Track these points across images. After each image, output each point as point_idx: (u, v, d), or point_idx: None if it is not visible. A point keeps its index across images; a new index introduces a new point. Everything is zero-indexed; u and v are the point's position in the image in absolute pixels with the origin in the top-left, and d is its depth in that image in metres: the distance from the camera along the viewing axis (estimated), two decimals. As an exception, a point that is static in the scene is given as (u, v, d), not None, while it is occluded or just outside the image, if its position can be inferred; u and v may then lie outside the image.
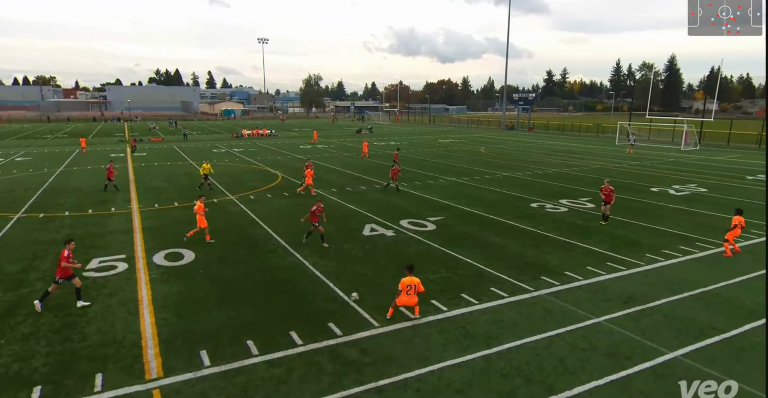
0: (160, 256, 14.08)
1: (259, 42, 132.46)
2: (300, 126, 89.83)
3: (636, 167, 33.60)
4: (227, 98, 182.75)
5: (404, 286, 9.79)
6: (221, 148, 46.78)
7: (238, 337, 9.31)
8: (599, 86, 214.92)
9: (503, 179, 28.10)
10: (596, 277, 12.42)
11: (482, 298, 11.10)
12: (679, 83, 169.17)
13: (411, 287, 9.82)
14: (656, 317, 10.24)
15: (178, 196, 23.15)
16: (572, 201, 21.61)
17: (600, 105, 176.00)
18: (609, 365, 8.38)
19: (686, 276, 12.55)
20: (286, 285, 12.06)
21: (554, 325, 9.81)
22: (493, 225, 17.62)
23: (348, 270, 13.01)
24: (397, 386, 7.79)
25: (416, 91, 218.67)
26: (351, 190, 24.56)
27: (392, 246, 15.16)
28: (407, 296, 9.84)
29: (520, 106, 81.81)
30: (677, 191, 24.30)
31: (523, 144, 52.32)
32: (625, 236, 16.14)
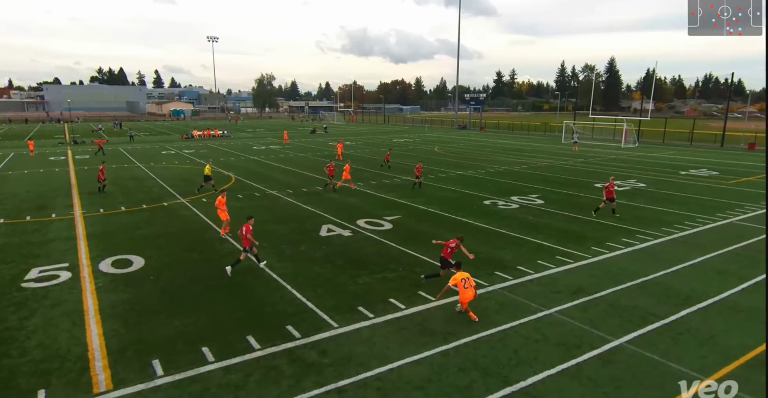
0: (106, 263, 13.42)
1: (209, 40, 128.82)
2: (253, 126, 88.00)
3: (581, 164, 35.07)
4: (176, 98, 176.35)
5: (458, 281, 9.85)
6: (171, 150, 45.12)
7: (192, 344, 9.02)
8: (546, 87, 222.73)
9: (457, 177, 28.62)
10: (546, 271, 12.87)
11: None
12: (618, 84, 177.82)
13: (465, 280, 9.91)
14: (602, 306, 10.73)
15: (125, 200, 22.14)
16: (523, 198, 22.29)
17: (547, 105, 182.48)
18: (560, 354, 8.70)
19: (628, 266, 13.22)
20: (241, 289, 11.79)
21: (508, 318, 10.09)
22: (448, 223, 17.91)
23: (305, 271, 12.87)
24: (358, 385, 7.78)
25: (370, 91, 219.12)
26: (306, 190, 24.31)
27: (350, 245, 15.12)
28: (465, 290, 9.87)
29: (472, 105, 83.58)
30: (619, 186, 25.53)
31: (475, 143, 53.47)
32: (572, 230, 16.81)
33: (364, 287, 11.82)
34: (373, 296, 11.24)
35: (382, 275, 12.59)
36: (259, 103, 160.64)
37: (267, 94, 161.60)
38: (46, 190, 24.51)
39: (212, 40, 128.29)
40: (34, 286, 11.85)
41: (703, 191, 24.54)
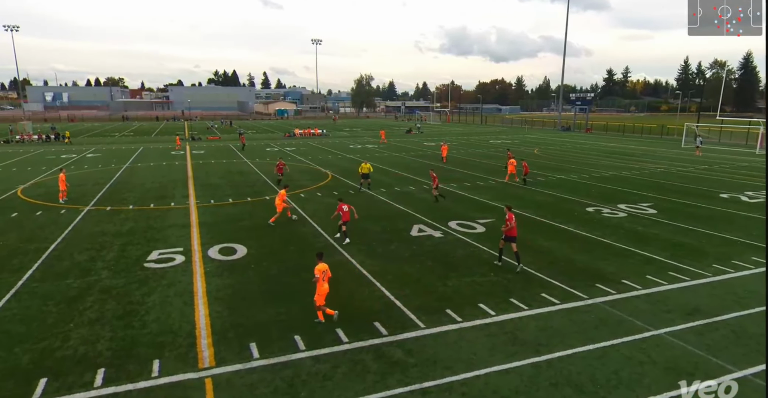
0: (214, 250, 14.68)
1: (313, 43, 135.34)
2: (351, 126, 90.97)
3: (704, 171, 31.66)
4: (281, 98, 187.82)
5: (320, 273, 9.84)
6: (274, 147, 48.14)
7: (286, 332, 9.55)
8: (664, 85, 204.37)
9: (557, 181, 27.24)
10: (656, 287, 11.81)
11: (532, 304, 10.82)
12: (755, 82, 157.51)
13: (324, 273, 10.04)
14: (723, 332, 9.61)
15: (233, 192, 24.04)
16: (631, 206, 20.64)
17: (665, 105, 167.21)
18: (669, 380, 7.93)
19: (759, 289, 11.69)
20: (333, 282, 12.18)
21: (609, 335, 9.41)
22: (543, 229, 17.13)
23: (394, 269, 13.05)
24: (442, 388, 7.73)
25: (468, 90, 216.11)
26: (399, 190, 24.61)
27: (440, 247, 15.06)
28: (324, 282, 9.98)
29: (578, 106, 79.07)
30: (750, 198, 22.69)
31: (579, 145, 50.53)
32: (689, 244, 15.24)
33: (453, 290, 11.70)
34: (461, 299, 11.09)
35: (471, 279, 12.38)
36: (357, 102, 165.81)
37: (365, 94, 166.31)
38: (167, 182, 27.40)
39: (316, 42, 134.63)
40: (154, 267, 13.31)
41: None
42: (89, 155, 41.51)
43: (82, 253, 14.48)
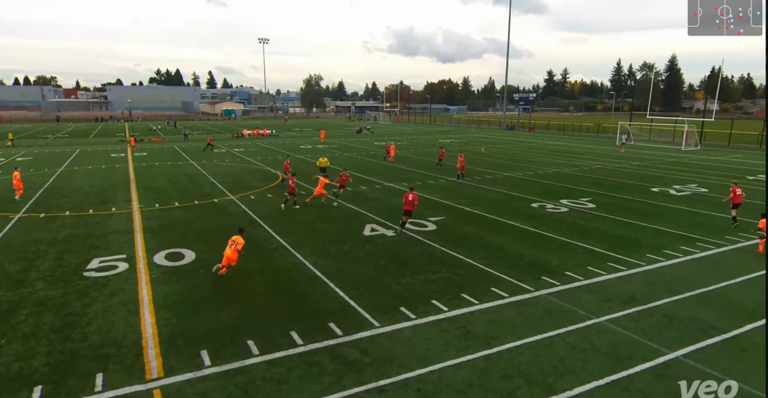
0: (160, 256, 14.08)
1: (260, 42, 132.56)
2: (301, 126, 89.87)
3: (637, 167, 33.59)
4: (228, 98, 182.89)
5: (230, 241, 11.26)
6: (222, 148, 46.80)
7: (238, 337, 9.31)
8: (600, 86, 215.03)
9: (504, 179, 28.08)
10: (597, 277, 12.41)
11: (483, 298, 11.09)
12: (680, 83, 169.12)
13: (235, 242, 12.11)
14: (657, 317, 10.23)
15: (179, 196, 23.16)
16: (573, 202, 21.59)
17: (601, 105, 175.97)
18: (610, 365, 8.37)
19: (687, 276, 12.54)
20: (286, 285, 12.06)
21: (555, 325, 9.80)
22: (493, 226, 17.61)
23: (348, 270, 13.01)
24: (398, 386, 7.78)
25: (417, 91, 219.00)
26: (351, 190, 24.56)
27: (392, 246, 15.15)
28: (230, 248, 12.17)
29: (521, 106, 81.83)
30: (678, 191, 24.29)
31: (523, 144, 52.31)
32: (626, 236, 16.12)
33: (406, 288, 11.81)
34: (415, 297, 11.22)
35: (424, 276, 12.54)
36: (307, 103, 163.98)
37: (314, 94, 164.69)
38: (107, 185, 26.02)
39: (263, 41, 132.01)
40: (95, 276, 12.60)
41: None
42: (19, 159, 38.74)
43: (13, 264, 13.50)
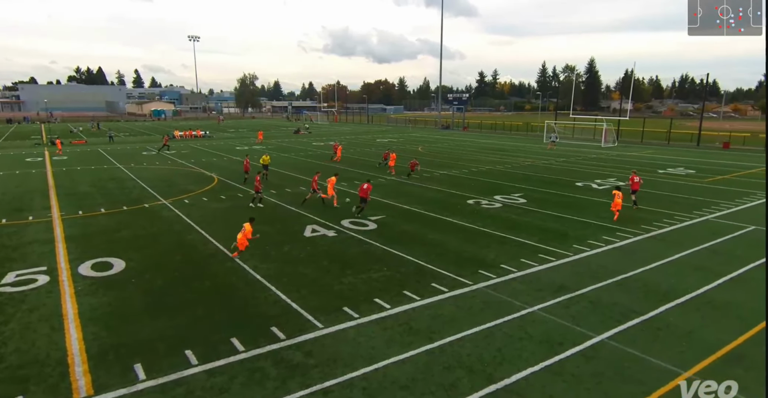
0: (86, 267, 13.15)
1: (190, 40, 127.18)
2: (236, 126, 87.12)
3: (563, 163, 35.52)
4: (157, 98, 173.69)
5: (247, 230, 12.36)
6: (152, 151, 44.42)
7: (175, 347, 8.89)
8: (527, 87, 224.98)
9: (441, 177, 28.73)
10: (529, 269, 13.01)
11: (424, 294, 11.30)
12: (598, 84, 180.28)
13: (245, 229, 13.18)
14: (584, 304, 10.89)
15: (105, 201, 21.73)
16: (506, 197, 22.48)
17: (528, 105, 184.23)
18: (543, 351, 8.80)
19: (609, 264, 13.44)
20: (225, 290, 11.67)
21: (492, 317, 10.16)
22: (432, 223, 17.97)
23: (290, 272, 12.80)
24: (343, 386, 7.76)
25: (354, 91, 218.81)
26: (290, 190, 24.17)
27: (334, 246, 15.07)
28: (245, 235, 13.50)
29: (455, 106, 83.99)
30: (599, 185, 25.94)
31: (458, 142, 53.78)
32: (555, 229, 17.01)
33: (349, 287, 11.80)
34: (358, 296, 11.23)
35: (366, 275, 12.59)
36: (242, 103, 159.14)
37: (249, 94, 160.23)
38: (22, 192, 23.93)
39: (193, 39, 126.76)
40: (11, 291, 11.56)
41: (680, 189, 25.07)
42: None
43: None
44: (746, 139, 51.50)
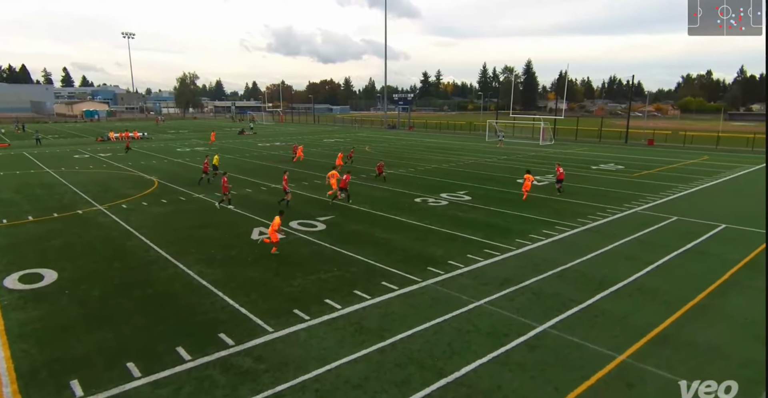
0: (12, 279, 12.18)
1: (124, 37, 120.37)
2: (176, 127, 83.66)
3: (505, 161, 36.74)
4: (89, 98, 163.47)
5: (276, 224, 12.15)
6: (84, 153, 41.80)
7: (116, 361, 8.42)
8: (469, 87, 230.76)
9: (388, 176, 28.88)
10: (476, 264, 13.36)
11: (374, 293, 11.34)
12: (535, 85, 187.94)
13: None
14: (527, 295, 11.32)
15: (33, 208, 20.22)
16: (451, 195, 22.97)
17: (471, 104, 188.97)
18: (491, 343, 9.08)
19: (549, 256, 14.05)
20: (169, 298, 11.18)
21: (441, 312, 10.35)
22: (381, 222, 18.06)
23: (237, 276, 12.45)
24: (296, 389, 7.65)
25: (299, 91, 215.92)
26: (236, 193, 23.50)
27: (283, 248, 14.81)
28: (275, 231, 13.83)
29: (401, 105, 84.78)
30: (539, 182, 27.04)
31: (405, 142, 54.34)
32: (498, 224, 17.57)
33: (299, 289, 11.64)
34: (308, 298, 11.10)
35: (316, 276, 12.47)
36: (182, 103, 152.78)
37: (190, 94, 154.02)
38: (-65, 201, 21.80)
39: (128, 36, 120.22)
40: (-75, 309, 10.51)
41: (611, 184, 26.60)
42: None
43: None
44: (668, 137, 55.38)
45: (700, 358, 8.62)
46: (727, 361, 8.53)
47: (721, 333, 9.54)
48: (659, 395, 7.61)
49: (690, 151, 44.79)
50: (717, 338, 9.35)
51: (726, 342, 9.22)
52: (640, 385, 7.84)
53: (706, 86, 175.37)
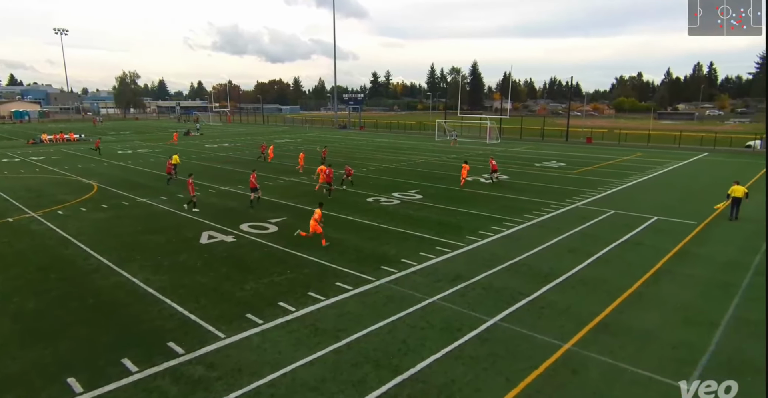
0: (-67, 295, 11.17)
1: (56, 33, 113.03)
2: (117, 129, 79.52)
3: (453, 160, 37.47)
4: (18, 98, 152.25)
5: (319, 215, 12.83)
6: (14, 157, 38.93)
7: (55, 377, 7.90)
8: (418, 87, 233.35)
9: (340, 176, 28.76)
10: (428, 261, 13.55)
11: (329, 294, 11.26)
12: (481, 85, 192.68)
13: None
14: (478, 290, 11.60)
15: (-44, 217, 18.61)
16: (403, 194, 23.17)
17: (420, 104, 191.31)
18: (444, 338, 9.23)
19: (498, 251, 14.46)
20: (112, 308, 10.62)
21: (396, 310, 10.42)
22: (333, 222, 17.94)
23: (186, 282, 12.01)
24: (250, 395, 7.47)
25: (247, 90, 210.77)
26: (183, 196, 22.64)
27: (233, 251, 14.44)
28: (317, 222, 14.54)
29: (351, 105, 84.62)
30: (486, 179, 27.78)
31: (356, 142, 54.29)
32: (449, 222, 17.90)
33: (252, 293, 11.38)
34: (261, 301, 10.87)
35: (269, 279, 12.23)
36: (122, 103, 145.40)
37: (131, 94, 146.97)
38: None
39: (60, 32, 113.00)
40: None
41: (554, 180, 27.74)
42: None
43: None
44: (604, 135, 58.40)
45: (637, 343, 9.15)
46: (661, 344, 9.10)
47: (656, 319, 10.17)
48: (602, 379, 8.02)
49: (625, 149, 47.42)
50: (652, 323, 9.96)
51: (659, 326, 9.83)
52: (584, 371, 8.22)
53: (638, 87, 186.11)
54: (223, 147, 47.55)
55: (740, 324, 9.92)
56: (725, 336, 9.40)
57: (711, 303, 11.04)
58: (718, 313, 10.41)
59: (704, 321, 10.05)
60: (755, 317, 10.18)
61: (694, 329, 9.74)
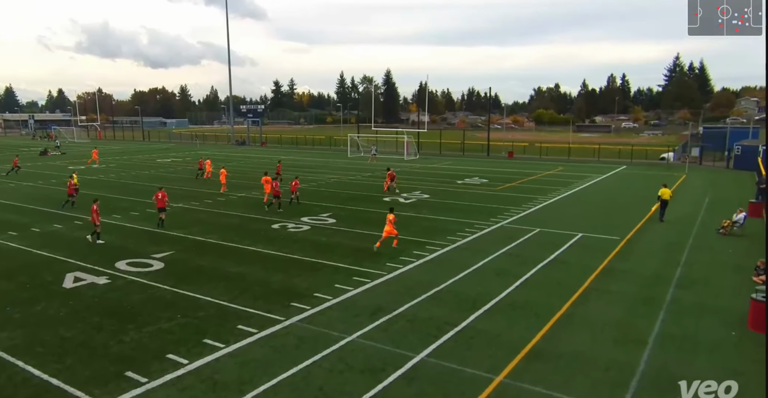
0: None
1: None
2: (-54, 148, 71.09)
3: (369, 178, 38.08)
4: None
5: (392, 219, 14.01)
6: None
7: None
8: (327, 98, 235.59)
9: (238, 200, 28.03)
10: (345, 294, 13.51)
11: (229, 340, 10.78)
12: (396, 96, 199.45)
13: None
14: (401, 323, 11.75)
15: None
16: (314, 218, 23.05)
17: (330, 117, 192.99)
18: (366, 381, 9.18)
19: (422, 278, 14.81)
20: (-59, 378, 9.31)
21: (310, 353, 10.22)
22: (232, 254, 17.36)
23: (45, 338, 10.89)
24: (133, 473, 6.87)
25: (123, 100, 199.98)
26: (40, 230, 20.68)
27: (108, 295, 13.38)
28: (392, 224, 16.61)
29: (250, 118, 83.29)
30: (405, 199, 28.51)
31: (256, 160, 53.30)
32: (366, 248, 18.05)
33: (132, 346, 10.58)
34: (145, 355, 10.13)
35: (155, 327, 11.46)
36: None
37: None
38: None
39: None
40: None
41: (477, 198, 29.15)
42: None
43: None
44: (525, 149, 62.76)
45: (569, 368, 9.75)
46: (593, 367, 9.79)
47: (586, 340, 10.93)
48: (536, 411, 8.41)
49: (546, 163, 51.24)
50: (583, 345, 10.69)
51: (590, 347, 10.58)
52: (518, 404, 8.57)
53: (555, 99, 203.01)
54: (92, 168, 44.35)
55: (665, 341, 10.96)
56: (653, 354, 10.33)
57: (638, 319, 12.11)
58: (645, 330, 11.42)
59: (633, 339, 10.98)
60: (679, 332, 11.33)
61: (623, 348, 10.60)
